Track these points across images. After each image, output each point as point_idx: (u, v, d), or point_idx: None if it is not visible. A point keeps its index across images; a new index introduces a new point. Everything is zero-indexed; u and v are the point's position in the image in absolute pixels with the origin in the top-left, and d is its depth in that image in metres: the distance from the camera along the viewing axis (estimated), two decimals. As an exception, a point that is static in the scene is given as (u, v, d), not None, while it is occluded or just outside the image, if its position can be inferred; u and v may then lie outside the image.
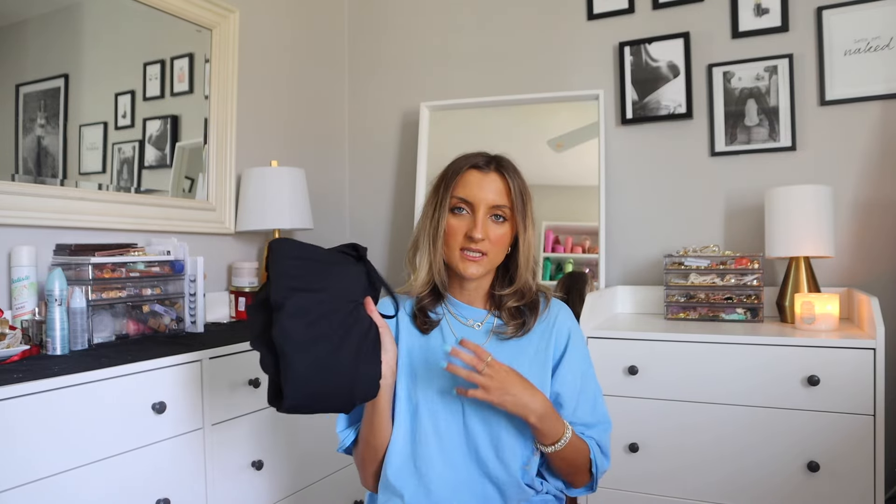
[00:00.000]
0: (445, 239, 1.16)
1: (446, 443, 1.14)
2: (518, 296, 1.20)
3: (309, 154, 2.64)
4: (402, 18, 2.79)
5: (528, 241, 1.19)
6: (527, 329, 1.19)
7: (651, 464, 1.80)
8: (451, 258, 1.16)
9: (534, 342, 1.20)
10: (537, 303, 1.22)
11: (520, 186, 1.18)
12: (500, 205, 1.16)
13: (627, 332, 1.86)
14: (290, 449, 1.75)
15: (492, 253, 1.15)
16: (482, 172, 1.17)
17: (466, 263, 1.15)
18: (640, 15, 2.37)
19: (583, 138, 2.40)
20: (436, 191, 1.19)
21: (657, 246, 2.34)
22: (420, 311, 1.21)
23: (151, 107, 1.98)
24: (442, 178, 1.19)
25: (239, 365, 1.60)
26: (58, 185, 1.71)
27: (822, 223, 1.93)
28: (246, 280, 2.15)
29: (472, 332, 1.20)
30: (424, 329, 1.20)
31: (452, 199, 1.16)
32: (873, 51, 2.06)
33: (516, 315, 1.20)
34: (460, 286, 1.22)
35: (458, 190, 1.16)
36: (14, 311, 1.53)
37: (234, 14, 2.20)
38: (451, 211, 1.16)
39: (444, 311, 1.22)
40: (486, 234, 1.14)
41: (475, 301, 1.23)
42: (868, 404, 1.60)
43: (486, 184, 1.16)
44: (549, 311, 1.22)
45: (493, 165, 1.18)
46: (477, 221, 1.14)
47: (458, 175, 1.17)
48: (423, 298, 1.22)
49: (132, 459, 1.32)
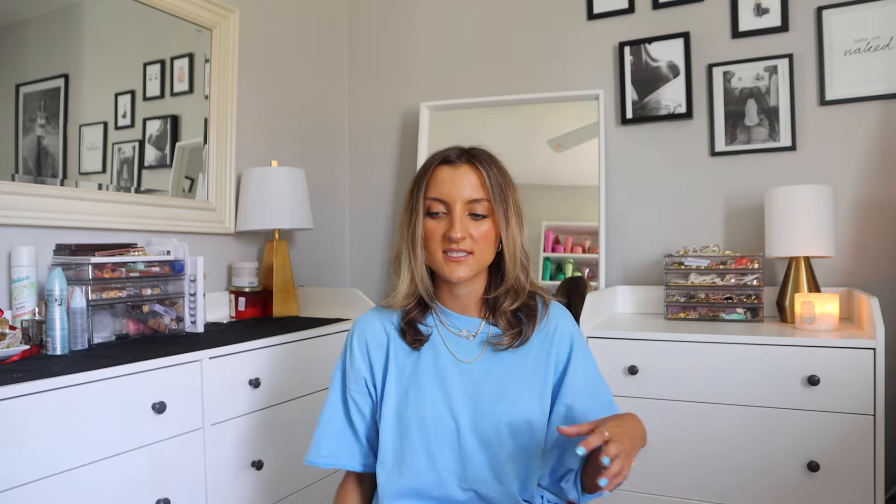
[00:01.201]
0: (425, 244, 1.09)
1: (438, 462, 1.09)
2: (512, 296, 1.12)
3: (309, 154, 2.64)
4: (402, 18, 2.79)
5: (513, 234, 1.10)
6: (524, 339, 1.11)
7: (651, 463, 1.80)
8: (434, 264, 1.09)
9: (532, 352, 1.12)
10: (535, 308, 1.14)
11: (497, 176, 1.09)
12: (476, 199, 1.08)
13: (627, 332, 1.86)
14: (290, 449, 1.75)
15: (477, 251, 1.08)
16: (453, 167, 1.09)
17: (451, 266, 1.07)
18: (640, 15, 2.37)
19: (583, 138, 2.40)
20: (410, 195, 1.12)
21: (657, 246, 2.34)
22: (409, 325, 1.14)
23: (151, 107, 1.98)
24: (414, 182, 1.12)
25: (239, 365, 1.60)
26: (58, 185, 1.71)
27: (822, 223, 1.93)
28: (246, 280, 2.15)
29: (466, 344, 1.14)
30: (415, 345, 1.13)
31: (426, 202, 1.09)
32: (873, 51, 2.06)
33: (514, 323, 1.13)
34: (451, 293, 1.14)
35: (430, 190, 1.09)
36: (14, 311, 1.53)
37: (234, 14, 2.20)
38: (427, 214, 1.09)
39: (434, 323, 1.15)
40: (467, 231, 1.07)
41: (468, 308, 1.15)
42: (868, 404, 1.60)
43: (458, 178, 1.08)
44: (549, 319, 1.15)
45: (464, 158, 1.10)
46: (454, 220, 1.06)
47: (428, 174, 1.10)
48: (410, 311, 1.14)
49: (132, 459, 1.32)
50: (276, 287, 2.17)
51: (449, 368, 1.12)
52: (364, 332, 1.17)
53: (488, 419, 1.08)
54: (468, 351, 1.13)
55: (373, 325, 1.18)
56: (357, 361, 1.16)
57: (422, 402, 1.10)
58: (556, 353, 1.13)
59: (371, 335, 1.17)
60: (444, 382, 1.11)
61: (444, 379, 1.11)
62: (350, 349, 1.18)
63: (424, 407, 1.10)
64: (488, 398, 1.10)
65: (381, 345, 1.16)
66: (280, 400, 1.73)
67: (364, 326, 1.18)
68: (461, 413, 1.09)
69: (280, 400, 1.73)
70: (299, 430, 1.77)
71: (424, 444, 1.09)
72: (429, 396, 1.10)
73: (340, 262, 2.85)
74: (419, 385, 1.11)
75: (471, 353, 1.13)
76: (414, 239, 1.09)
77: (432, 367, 1.12)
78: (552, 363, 1.12)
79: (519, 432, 1.08)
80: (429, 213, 1.09)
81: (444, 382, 1.11)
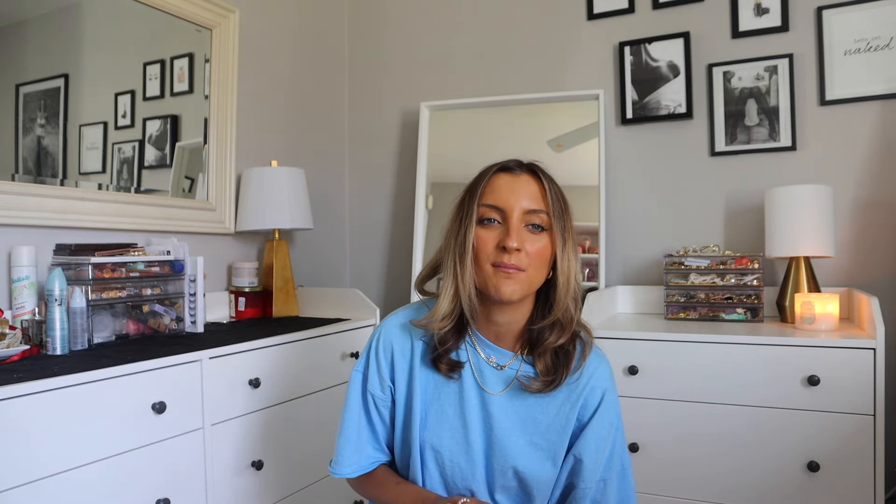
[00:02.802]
0: (475, 255, 1.00)
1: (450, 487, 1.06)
2: (558, 330, 1.02)
3: (309, 154, 2.64)
4: (402, 18, 2.79)
5: (569, 257, 1.01)
6: (556, 385, 1.02)
7: (651, 463, 1.80)
8: (481, 278, 1.00)
9: (558, 400, 1.04)
10: (572, 353, 1.04)
11: (557, 192, 1.03)
12: (535, 209, 1.00)
13: (627, 332, 1.86)
14: (290, 449, 1.75)
15: (530, 269, 0.99)
16: (513, 175, 1.03)
17: (500, 280, 0.98)
18: (640, 15, 2.37)
19: (583, 138, 2.40)
20: (461, 205, 1.04)
21: (657, 246, 2.34)
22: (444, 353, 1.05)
23: (151, 107, 1.98)
24: (467, 190, 1.05)
25: (239, 365, 1.60)
26: (58, 185, 1.71)
27: (822, 223, 1.93)
28: (246, 280, 2.15)
29: (491, 373, 1.06)
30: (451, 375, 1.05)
31: (480, 209, 1.00)
32: (873, 51, 2.06)
33: (552, 368, 1.03)
34: (488, 319, 1.05)
35: (485, 197, 1.01)
36: (14, 311, 1.53)
37: (234, 14, 2.20)
38: (479, 222, 1.01)
39: (466, 348, 1.07)
40: (522, 244, 0.98)
41: (505, 339, 1.06)
42: (868, 404, 1.59)
43: (517, 186, 1.01)
44: (585, 368, 1.05)
45: (524, 168, 1.04)
46: (510, 228, 0.98)
47: (484, 181, 1.02)
48: (447, 338, 1.04)
49: (132, 459, 1.32)
50: (276, 287, 2.17)
51: (471, 397, 1.07)
52: (390, 338, 1.12)
53: (499, 459, 1.06)
54: (492, 382, 1.06)
55: (400, 334, 1.12)
56: (382, 363, 1.11)
57: (440, 427, 1.07)
58: (583, 404, 1.05)
59: (397, 343, 1.11)
60: (464, 411, 1.07)
61: (465, 407, 1.07)
62: (375, 351, 1.13)
63: (443, 433, 1.06)
64: (501, 437, 1.06)
65: (405, 356, 1.10)
66: (280, 400, 1.73)
67: (391, 332, 1.12)
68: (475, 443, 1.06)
69: (280, 400, 1.73)
70: (300, 430, 1.77)
71: (438, 468, 1.08)
72: (448, 424, 1.06)
73: (340, 262, 2.85)
74: (441, 409, 1.07)
75: (495, 384, 1.06)
76: (464, 248, 1.00)
77: (457, 393, 1.07)
78: (575, 413, 1.05)
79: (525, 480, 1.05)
80: (480, 222, 1.01)
81: (464, 411, 1.07)
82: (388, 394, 1.12)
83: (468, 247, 0.99)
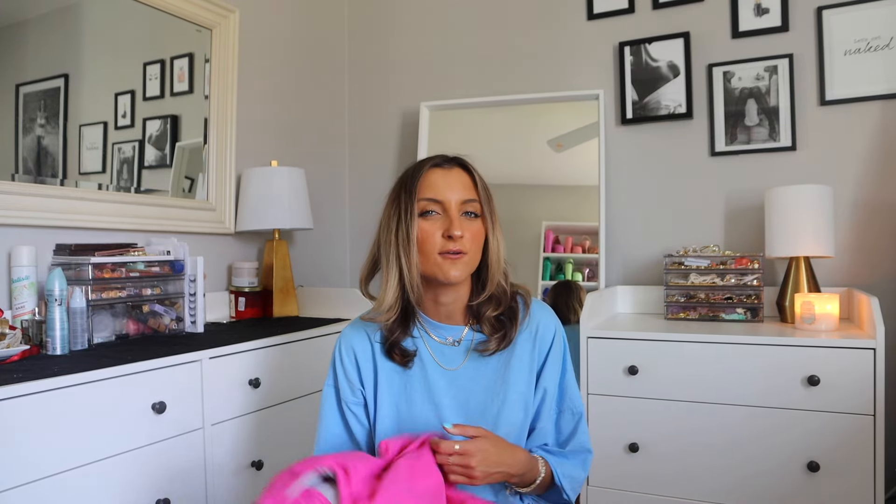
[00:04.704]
0: (420, 246, 1.08)
1: None
2: (495, 302, 1.13)
3: (309, 154, 2.64)
4: (401, 18, 2.79)
5: (497, 237, 1.13)
6: (509, 340, 1.12)
7: (651, 464, 1.80)
8: (428, 266, 1.08)
9: (516, 352, 1.14)
10: (516, 309, 1.15)
11: (482, 181, 1.13)
12: (469, 199, 1.10)
13: (627, 332, 1.86)
14: (290, 449, 1.75)
15: (471, 252, 1.09)
16: (445, 169, 1.11)
17: (448, 266, 1.07)
18: (640, 15, 2.37)
19: (583, 138, 2.40)
20: (396, 199, 1.11)
21: (657, 246, 2.34)
22: (393, 345, 1.13)
23: (151, 107, 1.98)
24: (401, 185, 1.12)
25: (239, 365, 1.60)
26: (58, 185, 1.71)
27: (822, 223, 1.93)
28: (246, 280, 2.15)
29: (450, 351, 1.14)
30: (405, 363, 1.12)
31: (420, 203, 1.08)
32: (873, 51, 2.06)
33: (497, 327, 1.13)
34: (435, 301, 1.14)
35: (423, 191, 1.09)
36: (14, 311, 1.53)
37: (234, 14, 2.20)
38: (420, 215, 1.08)
39: (419, 334, 1.15)
40: (463, 230, 1.08)
41: (454, 316, 1.15)
42: (868, 404, 1.60)
43: (452, 179, 1.10)
44: (531, 317, 1.16)
45: (454, 162, 1.13)
46: (452, 218, 1.07)
47: (418, 177, 1.10)
48: (393, 329, 1.12)
49: (132, 459, 1.32)
50: (275, 287, 2.17)
51: (436, 378, 1.13)
52: (351, 345, 1.17)
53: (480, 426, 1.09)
54: (452, 358, 1.14)
55: (357, 336, 1.17)
56: (350, 371, 1.16)
57: (413, 416, 1.11)
58: (539, 347, 1.15)
59: (358, 347, 1.16)
60: (432, 394, 1.12)
61: (433, 390, 1.12)
62: (340, 362, 1.17)
63: (416, 421, 1.11)
64: (476, 405, 1.12)
65: (368, 357, 1.16)
66: (280, 400, 1.73)
67: (350, 339, 1.18)
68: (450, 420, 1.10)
69: (280, 400, 1.73)
70: (299, 431, 1.77)
71: None
72: (419, 410, 1.11)
73: (340, 262, 2.85)
74: (409, 398, 1.12)
75: (455, 359, 1.13)
76: (408, 242, 1.07)
77: (420, 378, 1.13)
78: (535, 357, 1.15)
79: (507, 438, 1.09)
80: (422, 215, 1.09)
81: (432, 394, 1.12)
82: (360, 396, 1.16)
83: (412, 240, 1.07)
